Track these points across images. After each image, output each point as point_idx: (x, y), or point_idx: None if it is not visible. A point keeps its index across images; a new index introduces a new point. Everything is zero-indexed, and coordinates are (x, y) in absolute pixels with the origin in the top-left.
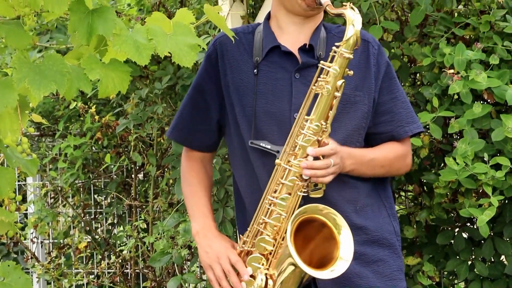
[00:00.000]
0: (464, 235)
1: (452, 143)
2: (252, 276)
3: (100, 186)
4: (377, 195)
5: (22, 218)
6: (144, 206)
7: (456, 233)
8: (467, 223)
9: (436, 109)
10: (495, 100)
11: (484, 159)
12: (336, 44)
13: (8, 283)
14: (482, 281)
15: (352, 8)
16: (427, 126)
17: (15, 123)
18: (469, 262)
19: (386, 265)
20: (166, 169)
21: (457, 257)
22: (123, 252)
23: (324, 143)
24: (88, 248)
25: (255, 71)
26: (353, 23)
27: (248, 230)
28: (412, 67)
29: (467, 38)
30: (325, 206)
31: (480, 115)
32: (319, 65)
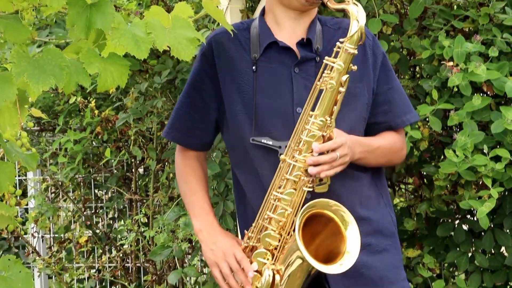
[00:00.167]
0: (464, 227)
1: (452, 135)
2: (258, 272)
3: (100, 180)
4: (375, 186)
5: (23, 213)
6: (144, 200)
7: (456, 225)
8: (467, 215)
9: (436, 102)
10: (495, 92)
11: (483, 151)
12: (341, 40)
13: (9, 277)
14: (483, 273)
15: (355, 4)
16: (427, 119)
17: (14, 117)
18: (469, 254)
19: (390, 254)
20: (166, 163)
21: (457, 249)
22: (124, 246)
23: (329, 138)
24: (89, 243)
25: (253, 67)
26: (357, 19)
27: (252, 226)
28: (412, 59)
29: (466, 30)
30: (336, 202)
31: (479, 107)
32: (324, 61)
